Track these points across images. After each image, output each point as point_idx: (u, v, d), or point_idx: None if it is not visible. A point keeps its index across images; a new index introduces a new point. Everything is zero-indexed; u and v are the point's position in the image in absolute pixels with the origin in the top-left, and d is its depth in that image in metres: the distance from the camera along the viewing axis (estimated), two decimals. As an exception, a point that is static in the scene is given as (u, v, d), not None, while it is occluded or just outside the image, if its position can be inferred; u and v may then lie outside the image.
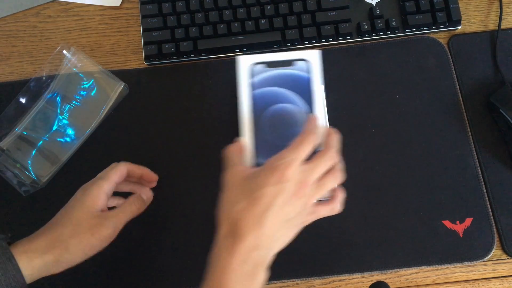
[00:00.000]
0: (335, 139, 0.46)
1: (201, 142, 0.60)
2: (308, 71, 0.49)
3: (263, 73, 0.50)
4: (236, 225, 0.40)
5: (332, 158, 0.44)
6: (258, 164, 0.47)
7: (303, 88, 0.49)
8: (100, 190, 0.47)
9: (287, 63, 0.50)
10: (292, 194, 0.41)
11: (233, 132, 0.60)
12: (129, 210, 0.49)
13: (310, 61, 0.50)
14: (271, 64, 0.50)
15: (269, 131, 0.48)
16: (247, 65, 0.50)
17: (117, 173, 0.50)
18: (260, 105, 0.49)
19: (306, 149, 0.43)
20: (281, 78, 0.49)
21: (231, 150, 0.46)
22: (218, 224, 0.42)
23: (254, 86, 0.49)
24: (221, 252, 0.40)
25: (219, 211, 0.43)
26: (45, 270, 0.44)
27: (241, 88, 0.49)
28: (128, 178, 0.53)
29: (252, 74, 0.50)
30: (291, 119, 0.48)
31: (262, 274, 0.40)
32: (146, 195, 0.54)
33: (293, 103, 0.49)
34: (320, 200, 0.45)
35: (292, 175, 0.41)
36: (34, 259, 0.43)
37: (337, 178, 0.45)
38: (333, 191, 0.45)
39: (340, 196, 0.46)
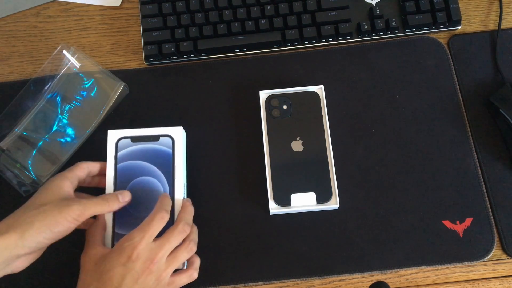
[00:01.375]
0: (188, 212, 0.50)
1: (201, 142, 0.60)
2: (171, 146, 0.54)
3: (129, 147, 0.54)
4: None
5: (182, 231, 0.48)
6: (120, 235, 0.50)
7: (164, 162, 0.53)
8: (63, 178, 0.48)
9: (153, 138, 0.54)
10: (140, 272, 0.44)
11: (233, 131, 0.60)
12: (100, 202, 0.48)
13: (174, 137, 0.54)
14: (135, 139, 0.54)
15: (130, 203, 0.51)
16: (115, 139, 0.54)
17: (78, 167, 0.51)
18: (124, 178, 0.53)
19: (154, 228, 0.46)
20: (145, 152, 0.53)
21: (92, 229, 0.49)
22: None
23: (119, 160, 0.53)
24: None
25: None
26: (8, 252, 0.42)
27: (107, 161, 0.53)
28: (92, 175, 0.53)
29: (120, 148, 0.54)
30: (150, 192, 0.52)
31: None
32: (124, 197, 0.51)
33: (154, 177, 0.53)
34: (178, 269, 0.48)
35: (139, 255, 0.44)
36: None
37: (189, 250, 0.48)
38: (189, 258, 0.50)
39: (196, 263, 0.50)
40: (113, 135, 0.54)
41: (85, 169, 0.51)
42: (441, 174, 0.56)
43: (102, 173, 0.53)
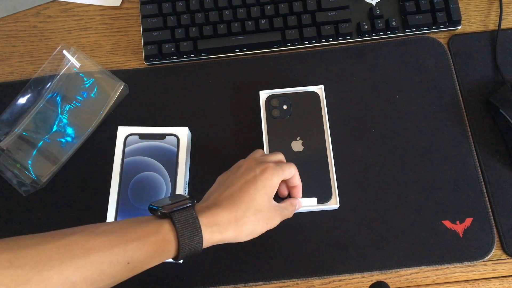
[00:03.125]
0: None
1: (201, 142, 0.60)
2: (176, 145, 0.56)
3: (136, 143, 0.57)
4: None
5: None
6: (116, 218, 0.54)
7: (168, 159, 0.56)
8: (278, 181, 0.47)
9: (160, 136, 0.57)
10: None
11: (233, 131, 0.60)
12: (290, 210, 0.50)
13: (179, 136, 0.57)
14: (143, 136, 0.57)
15: (131, 194, 0.55)
16: (124, 135, 0.57)
17: (290, 172, 0.49)
18: (130, 171, 0.56)
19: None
20: (151, 149, 0.57)
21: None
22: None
23: (126, 155, 0.56)
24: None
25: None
26: (217, 243, 0.44)
27: (115, 155, 0.56)
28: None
29: (127, 144, 0.57)
30: (153, 187, 0.55)
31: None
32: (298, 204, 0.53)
33: (158, 173, 0.56)
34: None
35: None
36: (216, 234, 0.43)
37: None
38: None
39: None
40: (122, 131, 0.57)
41: (291, 176, 0.50)
42: (441, 174, 0.56)
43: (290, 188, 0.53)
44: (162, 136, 0.57)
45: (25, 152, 0.58)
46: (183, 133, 0.57)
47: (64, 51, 0.62)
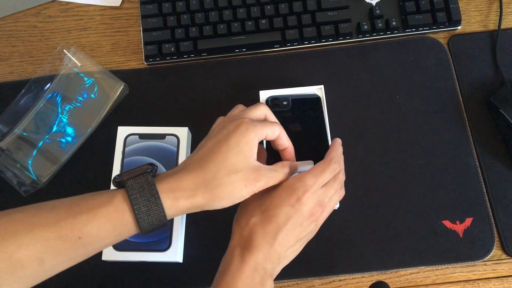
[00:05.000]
0: (337, 148, 0.48)
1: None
2: (176, 145, 0.56)
3: (136, 143, 0.57)
4: (250, 238, 0.41)
5: (333, 171, 0.45)
6: None
7: (168, 159, 0.56)
8: (256, 139, 0.42)
9: (160, 136, 0.57)
10: (306, 218, 0.42)
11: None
12: (282, 172, 0.43)
13: (179, 136, 0.57)
14: (143, 136, 0.57)
15: None
16: (124, 135, 0.57)
17: (273, 131, 0.44)
18: None
19: (326, 176, 0.43)
20: (151, 149, 0.56)
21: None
22: (232, 232, 0.43)
23: (127, 154, 0.56)
24: (233, 260, 0.40)
25: (234, 221, 0.44)
26: (186, 211, 0.40)
27: (115, 155, 0.56)
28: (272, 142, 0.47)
29: (127, 144, 0.57)
30: None
31: (269, 284, 0.41)
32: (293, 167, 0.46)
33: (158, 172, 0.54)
34: None
35: (308, 199, 0.42)
36: (181, 200, 0.38)
37: (341, 194, 0.46)
38: None
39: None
40: (122, 131, 0.57)
41: (275, 136, 0.44)
42: (441, 174, 0.56)
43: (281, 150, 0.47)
44: (162, 136, 0.57)
45: (25, 152, 0.58)
46: (183, 133, 0.57)
47: (64, 51, 0.62)
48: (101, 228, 0.36)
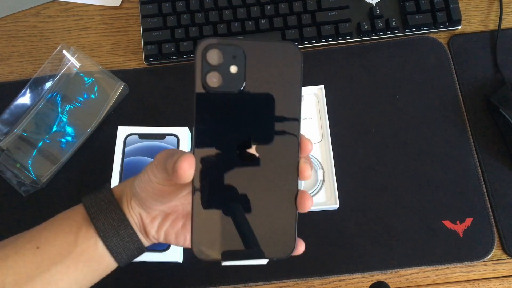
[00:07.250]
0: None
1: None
2: (176, 145, 0.57)
3: (136, 143, 0.57)
4: None
5: None
6: None
7: None
8: None
9: (160, 136, 0.57)
10: None
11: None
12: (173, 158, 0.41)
13: (179, 136, 0.57)
14: (143, 136, 0.57)
15: None
16: (124, 135, 0.57)
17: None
18: (129, 171, 0.56)
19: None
20: (151, 149, 0.57)
21: None
22: None
23: (126, 154, 0.56)
24: None
25: None
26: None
27: (115, 155, 0.56)
28: None
29: (127, 144, 0.57)
30: None
31: None
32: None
33: None
34: None
35: None
36: (136, 209, 0.37)
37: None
38: None
39: None
40: (122, 131, 0.57)
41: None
42: (441, 174, 0.56)
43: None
44: (162, 136, 0.57)
45: (25, 152, 0.58)
46: (183, 133, 0.57)
47: (64, 51, 0.62)
48: (61, 240, 0.37)
